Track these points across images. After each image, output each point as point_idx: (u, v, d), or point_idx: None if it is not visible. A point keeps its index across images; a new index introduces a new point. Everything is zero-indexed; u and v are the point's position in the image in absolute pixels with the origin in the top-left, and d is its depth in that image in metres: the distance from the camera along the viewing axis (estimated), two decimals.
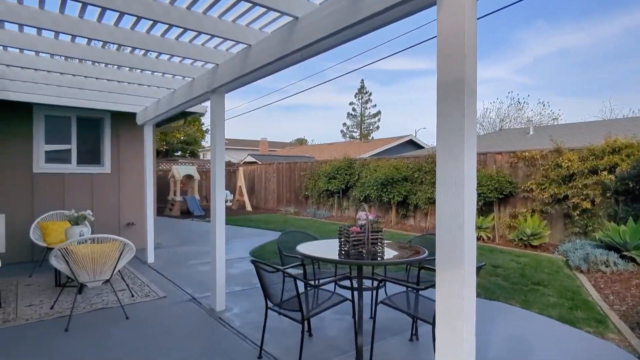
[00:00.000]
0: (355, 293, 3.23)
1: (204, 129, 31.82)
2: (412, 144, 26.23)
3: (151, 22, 3.28)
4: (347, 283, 3.72)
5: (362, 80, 48.09)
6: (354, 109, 47.68)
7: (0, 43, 3.69)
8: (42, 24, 3.13)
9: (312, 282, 3.83)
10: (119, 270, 5.30)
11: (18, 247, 6.70)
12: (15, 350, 3.35)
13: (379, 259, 3.26)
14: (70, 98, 6.29)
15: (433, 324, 2.48)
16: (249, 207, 17.14)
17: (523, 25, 54.89)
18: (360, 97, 47.27)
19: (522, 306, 4.50)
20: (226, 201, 18.77)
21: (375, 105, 47.46)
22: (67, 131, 7.45)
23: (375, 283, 3.86)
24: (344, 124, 48.42)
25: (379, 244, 3.38)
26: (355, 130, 47.96)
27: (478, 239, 8.78)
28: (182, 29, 3.42)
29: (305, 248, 3.47)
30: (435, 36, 1.91)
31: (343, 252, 3.35)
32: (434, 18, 1.96)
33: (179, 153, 30.45)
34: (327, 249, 3.67)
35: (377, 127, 47.22)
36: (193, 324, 3.96)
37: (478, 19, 1.96)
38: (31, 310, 4.35)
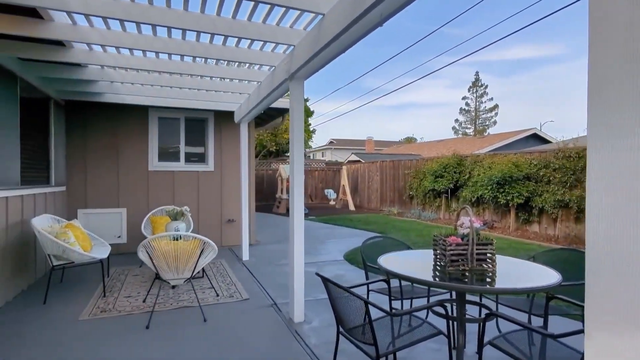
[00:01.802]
0: (454, 323, 2.46)
1: (311, 129, 32.58)
2: (536, 139, 22.87)
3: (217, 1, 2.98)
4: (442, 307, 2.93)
5: (477, 72, 44.56)
6: (467, 104, 44.31)
7: (98, 42, 3.81)
8: (113, 14, 3.05)
9: (393, 306, 3.13)
10: (203, 268, 5.31)
11: (136, 238, 7.29)
12: (88, 344, 3.38)
13: (487, 280, 2.43)
14: (176, 99, 6.62)
15: None
16: (351, 207, 16.79)
17: None
18: (474, 90, 43.71)
19: None
20: (330, 200, 18.80)
21: (492, 99, 43.38)
22: (176, 131, 7.92)
23: (483, 311, 2.99)
24: (456, 120, 45.34)
25: (488, 260, 2.55)
26: (468, 126, 44.49)
27: None
28: (250, 3, 3.05)
29: (390, 260, 2.79)
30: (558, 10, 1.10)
31: (438, 269, 2.61)
32: None
33: (288, 153, 31.66)
34: (419, 262, 2.94)
35: (494, 122, 43.04)
36: (268, 336, 3.59)
37: None
38: (127, 302, 4.50)
